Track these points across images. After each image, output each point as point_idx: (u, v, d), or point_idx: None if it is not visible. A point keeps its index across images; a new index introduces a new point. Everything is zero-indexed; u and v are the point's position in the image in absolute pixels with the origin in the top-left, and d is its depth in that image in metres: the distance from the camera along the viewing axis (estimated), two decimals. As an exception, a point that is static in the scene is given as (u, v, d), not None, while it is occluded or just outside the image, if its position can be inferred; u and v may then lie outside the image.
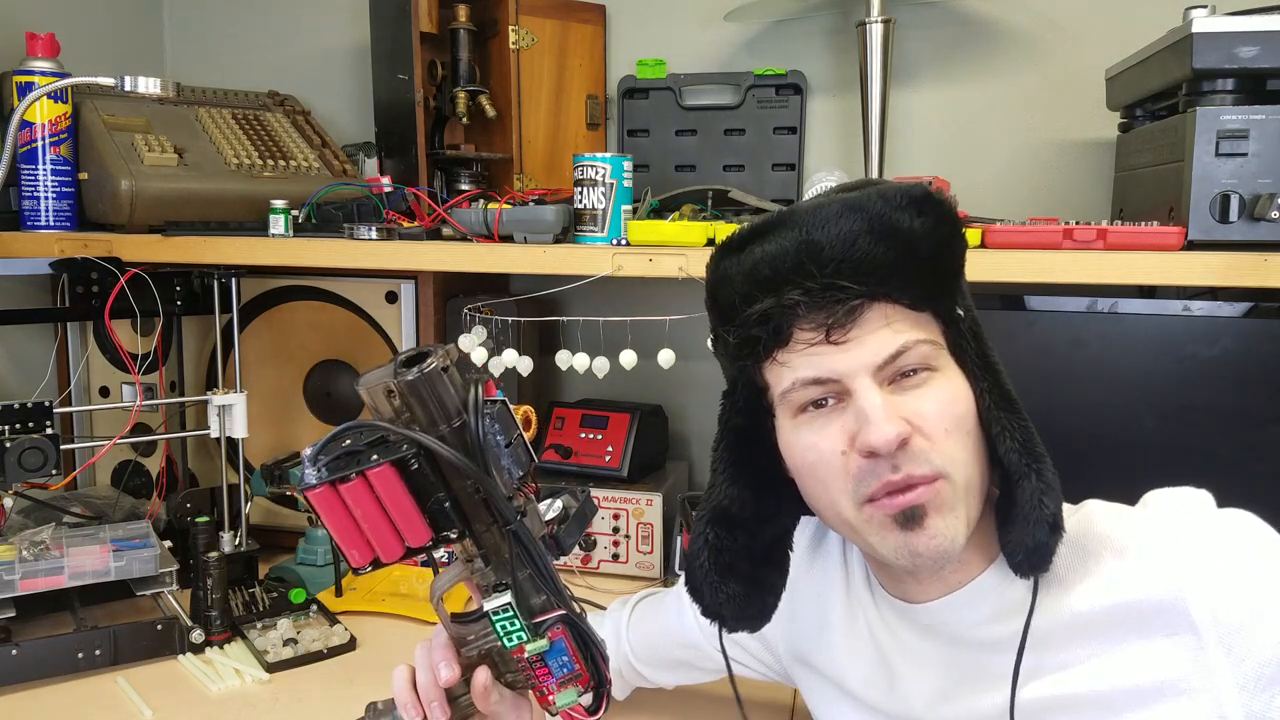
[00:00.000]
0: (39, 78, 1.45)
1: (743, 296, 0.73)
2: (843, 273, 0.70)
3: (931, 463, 0.70)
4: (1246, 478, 1.09)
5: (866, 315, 0.71)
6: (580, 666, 0.73)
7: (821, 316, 0.70)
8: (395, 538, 0.66)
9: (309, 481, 0.64)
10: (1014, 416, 0.73)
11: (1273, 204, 1.01)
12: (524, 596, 0.70)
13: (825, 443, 0.73)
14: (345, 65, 1.91)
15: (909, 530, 0.71)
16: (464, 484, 0.67)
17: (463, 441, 0.65)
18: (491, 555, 0.70)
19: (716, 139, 1.69)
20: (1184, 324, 1.12)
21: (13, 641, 1.19)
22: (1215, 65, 1.04)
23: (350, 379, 1.63)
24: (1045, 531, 0.70)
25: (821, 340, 0.71)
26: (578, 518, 0.72)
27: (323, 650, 1.27)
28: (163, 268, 1.46)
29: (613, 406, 1.62)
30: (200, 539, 1.34)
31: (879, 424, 0.69)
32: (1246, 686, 0.67)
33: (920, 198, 0.72)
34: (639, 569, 1.51)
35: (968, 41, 1.59)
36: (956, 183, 1.44)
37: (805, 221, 0.72)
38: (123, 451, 1.63)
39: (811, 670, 0.92)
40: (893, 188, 0.73)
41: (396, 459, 0.64)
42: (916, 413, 0.71)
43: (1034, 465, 0.71)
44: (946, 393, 0.72)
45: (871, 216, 0.71)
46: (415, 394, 0.64)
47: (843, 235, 0.70)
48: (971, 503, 0.73)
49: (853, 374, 0.71)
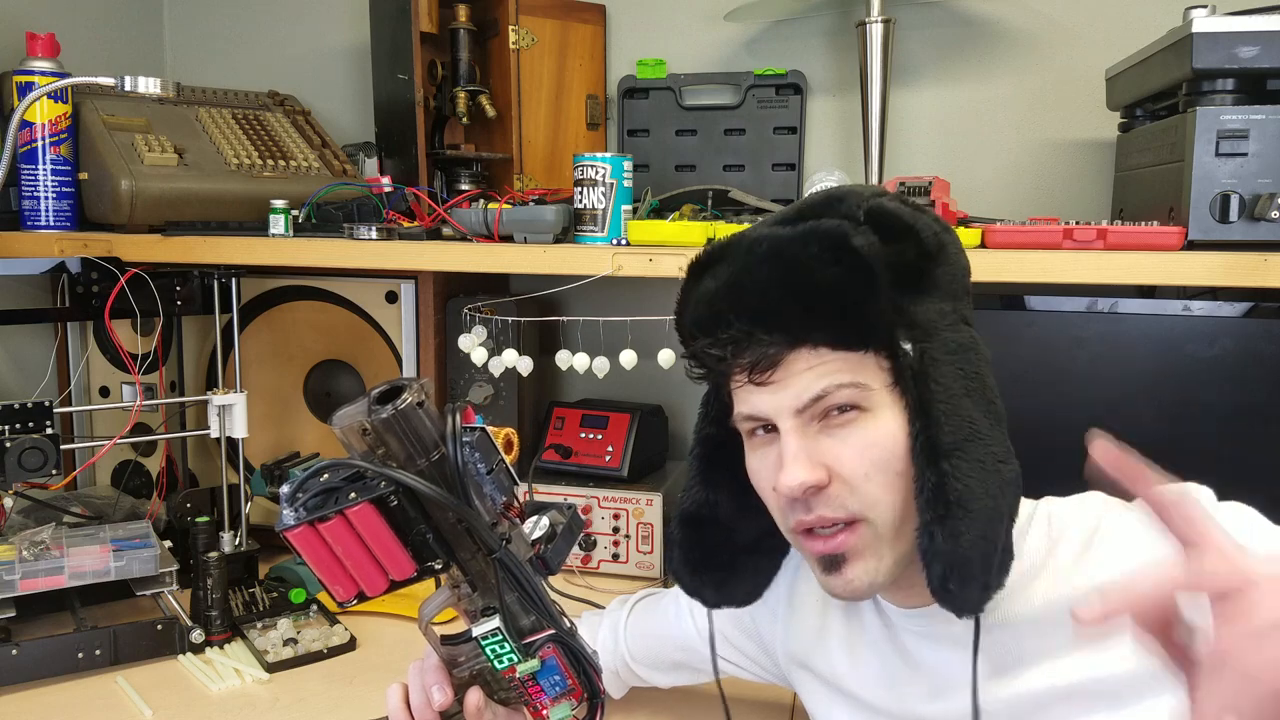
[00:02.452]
0: (39, 78, 1.45)
1: (688, 330, 0.77)
2: (760, 322, 0.71)
3: (847, 507, 0.72)
4: (1246, 477, 1.09)
5: (790, 358, 0.72)
6: (573, 682, 0.73)
7: (745, 360, 0.72)
8: (379, 572, 0.65)
9: (287, 522, 0.63)
10: (933, 470, 0.69)
11: (1273, 204, 1.01)
12: (513, 618, 0.70)
13: (764, 472, 0.77)
14: (345, 65, 1.91)
15: (828, 574, 0.74)
16: (446, 515, 0.66)
17: (443, 473, 0.65)
18: (478, 581, 0.69)
19: (716, 139, 1.69)
20: (1184, 324, 1.12)
21: (13, 641, 1.19)
22: (1215, 65, 1.04)
23: (350, 379, 1.63)
24: (938, 578, 0.69)
25: (747, 381, 0.73)
26: (565, 535, 0.72)
27: (323, 650, 1.27)
28: (163, 268, 1.46)
29: (613, 406, 1.62)
30: (200, 539, 1.34)
31: (788, 469, 0.71)
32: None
33: (837, 242, 0.70)
34: (639, 569, 1.51)
35: (968, 41, 1.59)
36: (956, 183, 1.44)
37: (740, 260, 0.73)
38: (123, 451, 1.63)
39: (810, 673, 0.93)
40: (815, 230, 0.72)
41: (375, 497, 0.63)
42: (837, 458, 0.72)
43: (941, 511, 0.69)
44: (869, 436, 0.72)
45: (789, 266, 0.71)
46: (390, 431, 0.63)
47: (758, 284, 0.71)
48: (899, 543, 0.73)
49: (777, 414, 0.73)
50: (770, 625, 0.96)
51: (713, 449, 0.85)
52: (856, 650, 0.87)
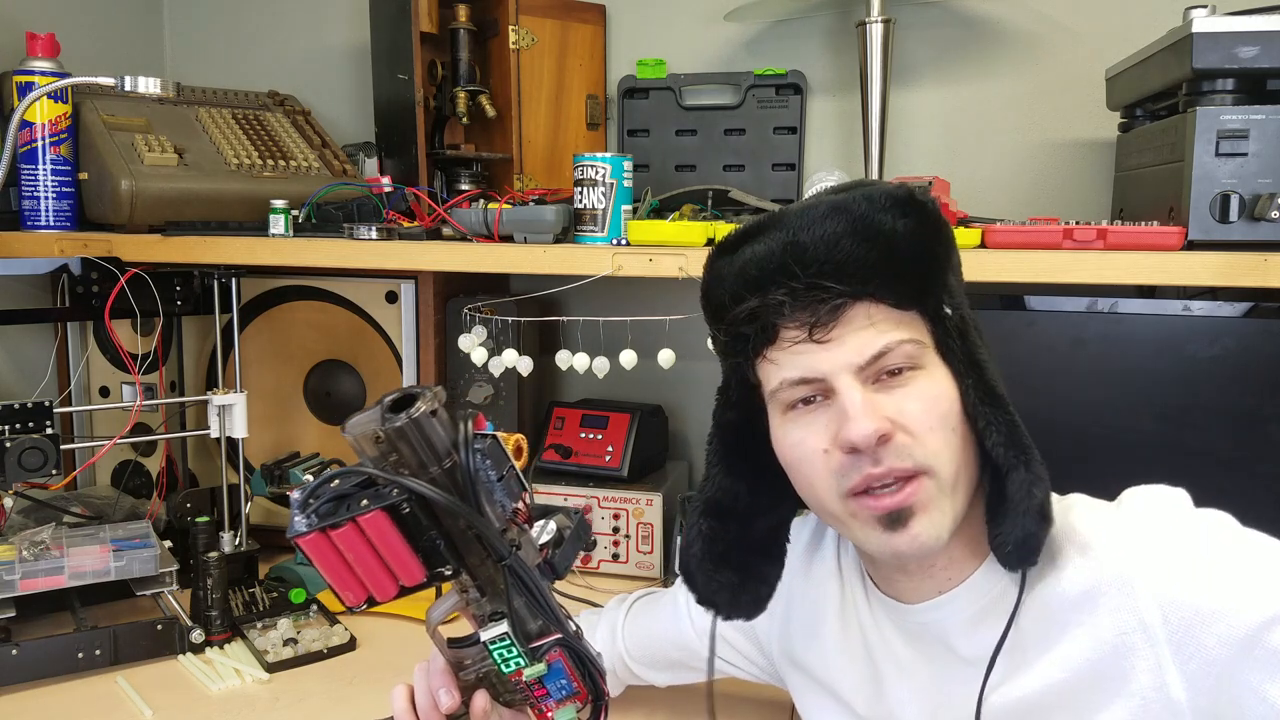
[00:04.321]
0: (39, 78, 1.45)
1: (732, 295, 0.75)
2: (826, 273, 0.71)
3: (914, 457, 0.71)
4: (1246, 477, 1.09)
5: (849, 314, 0.72)
6: (578, 684, 0.73)
7: (805, 316, 0.72)
8: (389, 578, 0.65)
9: (299, 529, 0.63)
10: (998, 411, 0.73)
11: (1273, 204, 1.01)
12: (520, 623, 0.70)
13: (810, 440, 0.74)
14: (345, 65, 1.91)
15: (893, 531, 0.72)
16: (457, 523, 0.66)
17: (454, 481, 0.65)
18: (487, 586, 0.69)
19: (716, 139, 1.69)
20: (1184, 324, 1.12)
21: (13, 641, 1.19)
22: (1215, 65, 1.04)
23: (351, 379, 1.63)
24: (1034, 521, 0.70)
25: (805, 339, 0.72)
26: (573, 540, 0.72)
27: (323, 650, 1.27)
28: (163, 268, 1.46)
29: (613, 406, 1.62)
30: (200, 539, 1.34)
31: (858, 420, 0.70)
32: (1193, 682, 0.67)
33: (904, 199, 0.73)
34: (639, 569, 1.51)
35: (968, 41, 1.59)
36: (956, 183, 1.44)
37: (793, 223, 0.73)
38: (123, 451, 1.63)
39: (803, 672, 0.93)
40: (878, 189, 0.74)
41: (387, 505, 0.63)
42: (900, 411, 0.72)
43: (1021, 457, 0.72)
44: (930, 391, 0.73)
45: (855, 218, 0.72)
46: (404, 439, 0.63)
47: (827, 236, 0.71)
48: (957, 498, 0.73)
49: (835, 373, 0.72)
50: (767, 624, 0.96)
51: (733, 434, 0.83)
52: (849, 652, 0.87)
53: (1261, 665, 0.64)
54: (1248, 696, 0.65)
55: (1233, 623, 0.65)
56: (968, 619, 0.77)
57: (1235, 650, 0.65)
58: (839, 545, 0.91)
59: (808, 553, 0.93)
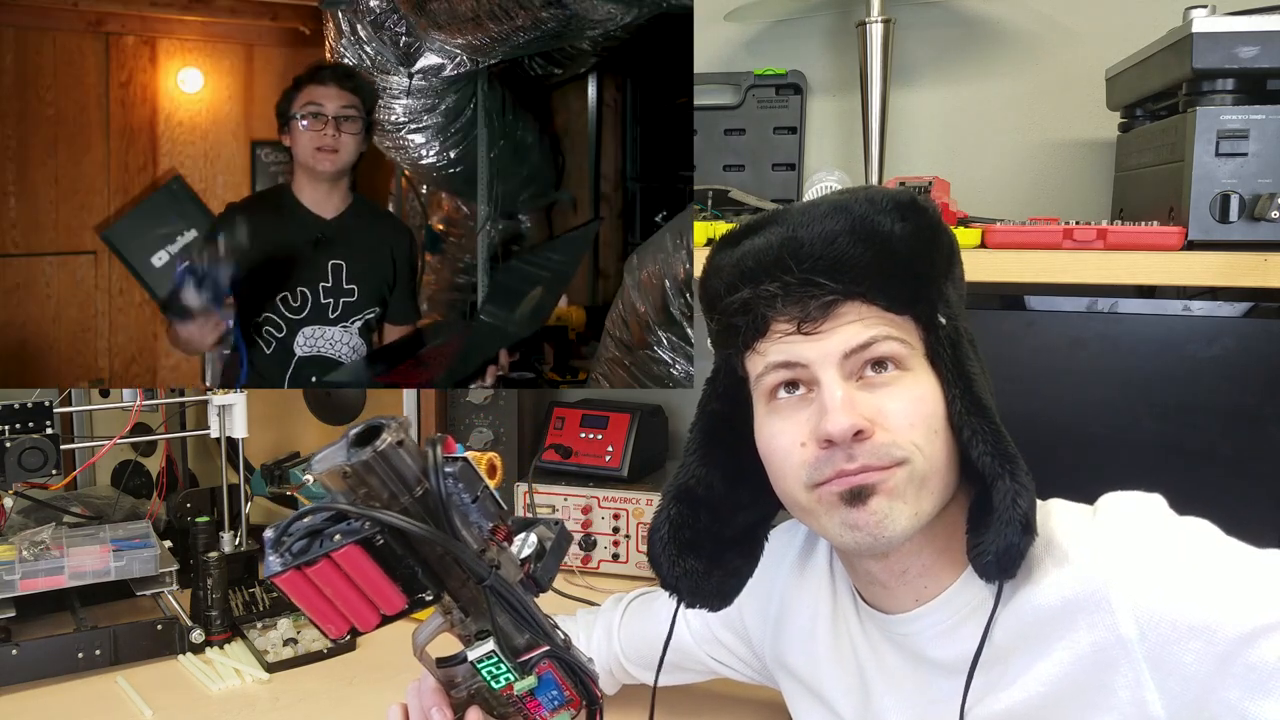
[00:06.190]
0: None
1: (727, 286, 0.76)
2: (820, 269, 0.72)
3: (892, 455, 0.71)
4: (1246, 477, 1.09)
5: (840, 311, 0.72)
6: (570, 693, 0.73)
7: (796, 310, 0.72)
8: (370, 609, 0.65)
9: (274, 568, 0.62)
10: (985, 421, 0.72)
11: (1273, 204, 1.01)
12: (507, 639, 0.69)
13: (789, 431, 0.74)
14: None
15: (852, 506, 0.71)
16: (434, 549, 0.66)
17: (427, 508, 0.64)
18: (470, 607, 0.69)
19: (716, 139, 1.69)
20: (1184, 324, 1.12)
21: (13, 641, 1.19)
22: (1215, 65, 1.04)
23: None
24: (1017, 532, 0.69)
25: (794, 332, 0.73)
26: (554, 551, 0.71)
27: (323, 650, 1.27)
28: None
29: (613, 406, 1.62)
30: (200, 539, 1.34)
31: (835, 414, 0.70)
32: (1172, 698, 0.66)
33: (905, 203, 0.74)
34: (639, 569, 1.51)
35: (968, 41, 1.59)
36: (956, 183, 1.44)
37: (794, 219, 0.74)
38: (123, 451, 1.63)
39: (794, 678, 0.93)
40: (880, 192, 0.75)
41: (361, 539, 0.62)
42: (879, 410, 0.72)
43: (1007, 466, 0.71)
44: (914, 392, 0.73)
45: (855, 218, 0.72)
46: (372, 472, 0.62)
47: (824, 234, 0.72)
48: (926, 496, 0.73)
49: (820, 363, 0.72)
50: (760, 626, 0.96)
51: (716, 425, 0.83)
52: (839, 660, 0.87)
53: (1240, 682, 0.64)
54: (1227, 715, 0.64)
55: (1211, 639, 0.64)
56: (945, 630, 0.77)
57: (1213, 667, 0.64)
58: (831, 553, 0.90)
59: (801, 559, 0.93)
